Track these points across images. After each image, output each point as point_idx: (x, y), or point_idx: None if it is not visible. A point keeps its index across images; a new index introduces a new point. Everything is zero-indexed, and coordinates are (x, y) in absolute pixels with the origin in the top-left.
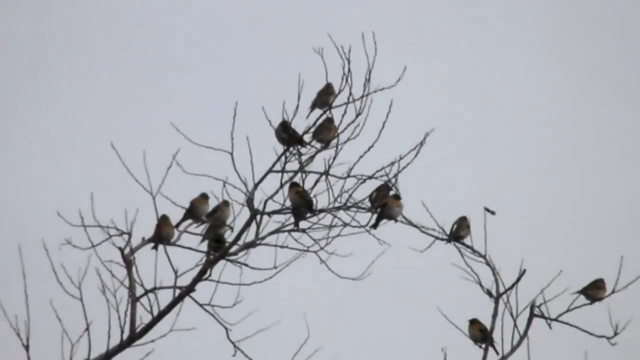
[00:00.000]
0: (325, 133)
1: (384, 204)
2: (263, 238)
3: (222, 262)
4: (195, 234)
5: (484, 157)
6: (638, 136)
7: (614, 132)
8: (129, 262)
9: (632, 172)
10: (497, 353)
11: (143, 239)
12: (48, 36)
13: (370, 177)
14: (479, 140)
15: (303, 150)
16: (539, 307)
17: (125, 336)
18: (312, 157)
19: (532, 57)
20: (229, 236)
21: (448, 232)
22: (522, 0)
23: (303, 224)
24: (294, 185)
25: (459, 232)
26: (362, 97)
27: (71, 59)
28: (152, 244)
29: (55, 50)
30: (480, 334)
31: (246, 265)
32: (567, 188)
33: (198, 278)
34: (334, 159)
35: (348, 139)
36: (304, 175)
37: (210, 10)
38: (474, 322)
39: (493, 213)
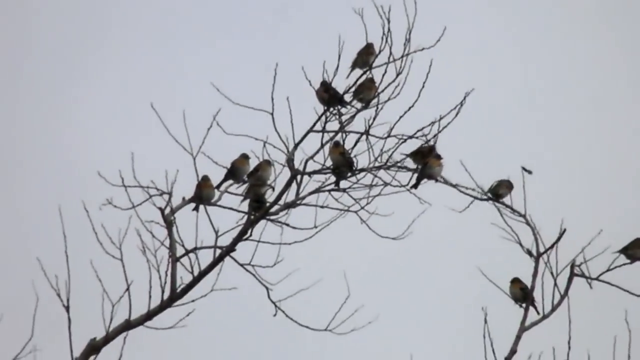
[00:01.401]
0: (366, 92)
1: (425, 163)
2: (303, 198)
3: (262, 222)
4: (236, 194)
5: (523, 117)
6: None
7: None
8: (169, 222)
9: None
10: (538, 312)
11: (183, 199)
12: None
13: (410, 137)
14: (518, 100)
15: (343, 110)
16: (579, 266)
17: (165, 296)
18: (352, 117)
19: (577, 22)
20: (270, 196)
21: (489, 192)
22: None
23: (343, 184)
24: (335, 145)
25: (497, 190)
26: (402, 57)
27: (112, 21)
28: (192, 205)
29: (96, 13)
30: (521, 293)
31: (287, 224)
32: (607, 146)
33: (238, 238)
34: (374, 118)
35: (388, 99)
36: (344, 135)
37: None
38: (515, 281)
39: (530, 172)
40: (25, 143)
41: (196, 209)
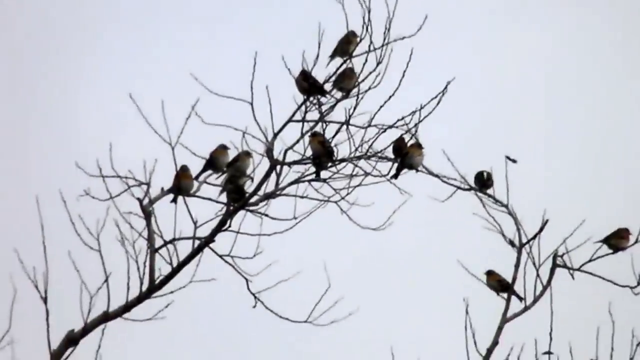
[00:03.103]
0: (346, 82)
1: (405, 153)
2: (283, 188)
3: (242, 213)
4: (215, 185)
5: (505, 106)
6: None
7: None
8: (147, 213)
9: None
10: (521, 300)
11: (162, 189)
12: None
13: (391, 127)
14: (501, 89)
15: (323, 99)
16: (561, 257)
17: (144, 288)
18: (332, 107)
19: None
20: (249, 187)
21: (472, 181)
22: None
23: (323, 174)
24: (315, 134)
25: (487, 182)
26: (382, 46)
27: (89, 10)
28: (171, 196)
29: (72, 2)
30: (499, 284)
31: (266, 215)
32: (590, 136)
33: (218, 229)
34: (355, 108)
35: (369, 88)
36: (324, 124)
37: None
38: (490, 274)
39: (514, 161)
40: (0, 134)
41: (174, 200)
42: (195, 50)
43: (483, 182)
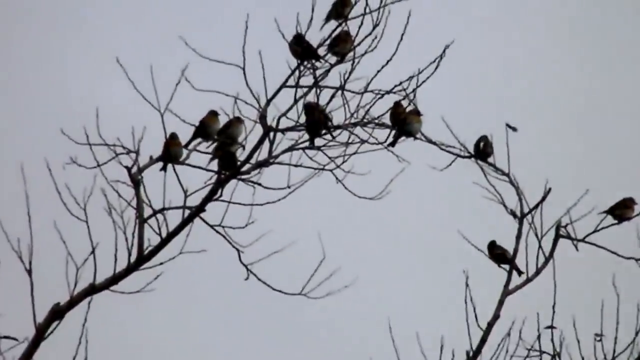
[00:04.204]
0: (341, 45)
1: (403, 119)
2: (276, 156)
3: (233, 182)
4: (206, 153)
5: (507, 72)
6: None
7: None
8: (136, 182)
9: None
10: (520, 273)
11: (151, 157)
12: None
13: (388, 92)
14: (501, 53)
15: (318, 64)
16: (565, 227)
17: (132, 259)
18: (327, 72)
19: None
20: (241, 154)
21: (471, 149)
22: None
23: (318, 142)
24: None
25: (486, 149)
26: (379, 8)
27: None
28: (160, 164)
29: None
30: (501, 257)
31: (259, 184)
32: (594, 104)
33: (208, 198)
34: (351, 73)
35: (365, 52)
36: (318, 90)
37: None
38: (493, 245)
39: (515, 129)
40: None
41: (164, 168)
42: (185, 14)
43: (478, 150)
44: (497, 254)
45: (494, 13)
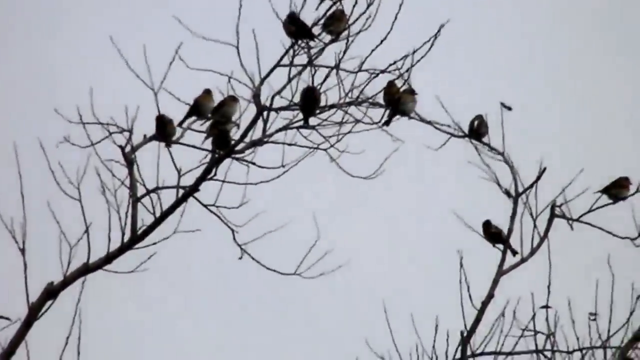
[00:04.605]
0: (336, 24)
1: (398, 98)
2: (270, 135)
3: (227, 161)
4: (200, 132)
5: (501, 51)
6: None
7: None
8: (130, 161)
9: None
10: (515, 253)
11: (145, 136)
12: None
13: (382, 71)
14: (496, 33)
15: (312, 43)
16: (559, 207)
17: (126, 238)
18: (321, 51)
19: None
20: (235, 133)
21: (466, 129)
22: None
23: (313, 121)
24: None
25: (480, 129)
26: None
27: None
28: (154, 142)
29: None
30: (497, 236)
31: (253, 163)
32: (588, 83)
33: (202, 177)
34: (345, 52)
35: (359, 31)
36: (313, 69)
37: None
38: (488, 224)
39: (509, 109)
40: None
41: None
42: None
43: (472, 129)
44: (492, 232)
45: None
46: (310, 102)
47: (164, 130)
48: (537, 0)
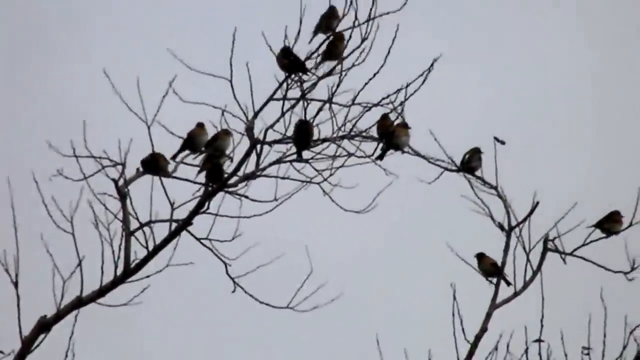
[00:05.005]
0: (337, 43)
1: (391, 132)
2: (264, 169)
3: (220, 194)
4: (193, 165)
5: (494, 85)
6: None
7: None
8: (123, 194)
9: None
10: (509, 284)
11: (138, 170)
12: None
13: (375, 105)
14: (489, 68)
15: (305, 77)
16: (552, 241)
17: (119, 272)
18: (314, 84)
19: None
20: (228, 167)
21: (458, 163)
22: None
23: (306, 155)
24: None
25: (471, 163)
26: (367, 21)
27: None
28: (147, 177)
29: None
30: (493, 268)
31: (246, 197)
32: (581, 117)
33: (195, 211)
34: (338, 86)
35: (353, 65)
36: (306, 103)
37: None
38: (482, 256)
39: (503, 143)
40: None
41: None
42: (173, 26)
43: (463, 162)
44: (491, 264)
45: (483, 24)
46: (303, 135)
47: (157, 164)
48: (530, 34)
